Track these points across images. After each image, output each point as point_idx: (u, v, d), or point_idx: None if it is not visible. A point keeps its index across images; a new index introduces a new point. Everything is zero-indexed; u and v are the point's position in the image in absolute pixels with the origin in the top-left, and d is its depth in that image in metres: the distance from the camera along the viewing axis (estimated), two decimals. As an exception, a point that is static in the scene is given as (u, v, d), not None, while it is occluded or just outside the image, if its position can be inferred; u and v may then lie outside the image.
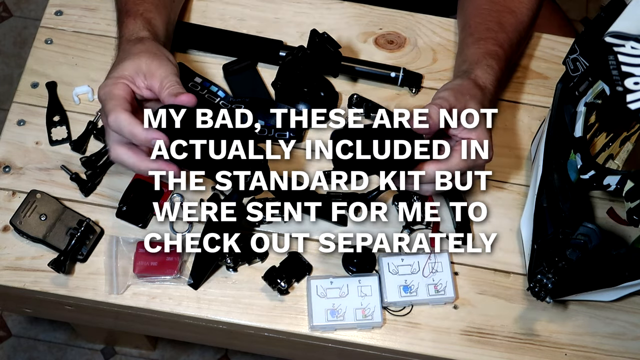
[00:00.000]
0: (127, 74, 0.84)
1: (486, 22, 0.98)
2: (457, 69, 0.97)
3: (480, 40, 0.96)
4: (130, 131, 0.79)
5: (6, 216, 0.93)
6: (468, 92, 0.86)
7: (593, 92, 0.86)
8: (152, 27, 0.92)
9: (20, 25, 1.99)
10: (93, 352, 1.62)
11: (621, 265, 0.83)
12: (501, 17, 0.99)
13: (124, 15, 0.94)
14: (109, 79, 0.85)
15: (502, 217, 0.97)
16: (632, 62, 0.77)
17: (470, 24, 1.00)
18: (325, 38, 0.95)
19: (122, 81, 0.84)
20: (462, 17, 1.04)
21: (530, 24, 1.02)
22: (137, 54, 0.86)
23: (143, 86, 0.85)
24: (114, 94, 0.82)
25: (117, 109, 0.80)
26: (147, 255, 0.91)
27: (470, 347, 0.90)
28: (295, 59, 0.96)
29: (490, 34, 0.97)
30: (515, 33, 0.99)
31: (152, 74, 0.84)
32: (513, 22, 0.99)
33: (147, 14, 0.93)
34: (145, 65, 0.84)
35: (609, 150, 0.86)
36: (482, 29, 0.98)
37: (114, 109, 0.81)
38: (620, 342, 0.92)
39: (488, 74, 0.91)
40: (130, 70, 0.84)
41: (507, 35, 0.97)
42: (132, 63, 0.85)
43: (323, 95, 1.02)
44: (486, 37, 0.96)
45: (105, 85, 0.83)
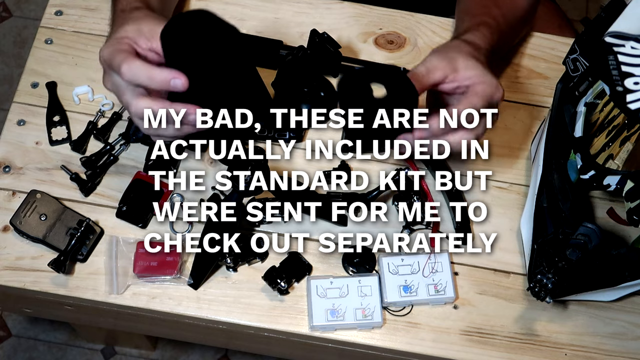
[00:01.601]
0: (130, 35, 0.82)
1: (481, 1, 1.00)
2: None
3: (473, 17, 0.97)
4: (147, 74, 0.77)
5: (6, 216, 0.93)
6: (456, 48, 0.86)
7: (593, 92, 0.86)
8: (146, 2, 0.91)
9: (20, 25, 1.99)
10: (93, 352, 1.62)
11: (621, 265, 0.83)
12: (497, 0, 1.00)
13: None
14: (110, 40, 0.82)
15: (502, 217, 0.97)
16: (632, 62, 0.77)
17: (467, 7, 1.01)
18: (325, 38, 0.95)
19: (125, 41, 0.81)
20: (460, 3, 1.05)
21: (528, 9, 1.03)
22: (137, 18, 0.84)
23: (146, 48, 0.82)
24: (121, 49, 0.80)
25: (129, 58, 0.78)
26: (147, 255, 0.91)
27: (470, 347, 0.90)
28: (295, 59, 0.96)
29: (483, 9, 0.98)
30: (510, 11, 0.99)
31: (155, 35, 0.81)
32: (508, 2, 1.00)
33: None
34: (147, 27, 0.82)
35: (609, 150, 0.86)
36: (477, 7, 0.99)
37: (125, 59, 0.78)
38: (620, 342, 0.92)
39: (479, 38, 0.91)
40: (132, 32, 0.82)
41: (500, 11, 0.98)
42: (133, 25, 0.83)
43: (323, 95, 1.02)
44: (479, 12, 0.97)
45: (109, 46, 0.81)
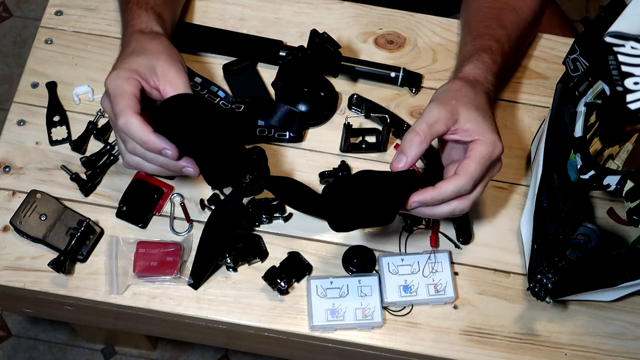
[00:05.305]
0: (141, 70, 0.81)
1: (486, 20, 0.98)
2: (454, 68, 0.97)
3: (477, 38, 0.96)
4: (142, 139, 0.77)
5: (6, 216, 0.93)
6: (456, 95, 0.84)
7: (593, 92, 0.86)
8: (162, 22, 0.91)
9: (20, 25, 1.99)
10: (93, 352, 1.62)
11: (621, 265, 0.83)
12: (501, 14, 0.99)
13: (133, 4, 0.91)
14: (120, 70, 0.81)
15: (502, 217, 0.97)
16: (632, 62, 0.77)
17: (471, 23, 1.00)
18: (325, 38, 0.95)
19: (134, 76, 0.80)
20: (464, 16, 1.04)
21: (532, 22, 1.02)
22: (155, 53, 0.83)
23: (154, 86, 0.82)
24: (125, 90, 0.79)
25: (128, 112, 0.78)
26: (147, 255, 0.91)
27: (470, 347, 0.90)
28: (295, 59, 0.96)
29: (487, 30, 0.97)
30: (515, 30, 0.98)
31: (167, 78, 0.81)
32: (514, 19, 0.99)
33: (157, 8, 0.92)
34: (162, 68, 0.81)
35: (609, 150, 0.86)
36: (481, 26, 0.98)
37: (125, 110, 0.78)
38: (620, 342, 0.92)
39: (478, 68, 0.91)
40: (145, 67, 0.81)
41: (505, 31, 0.97)
42: (148, 61, 0.82)
43: (323, 95, 1.02)
44: (483, 33, 0.96)
45: (117, 78, 0.80)
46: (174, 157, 0.79)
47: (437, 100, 0.84)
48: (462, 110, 0.83)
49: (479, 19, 0.99)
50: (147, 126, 0.78)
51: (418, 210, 0.82)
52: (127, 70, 0.81)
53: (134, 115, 0.78)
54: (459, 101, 0.83)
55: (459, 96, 0.84)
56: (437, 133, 0.81)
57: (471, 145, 0.82)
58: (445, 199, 0.81)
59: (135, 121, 0.78)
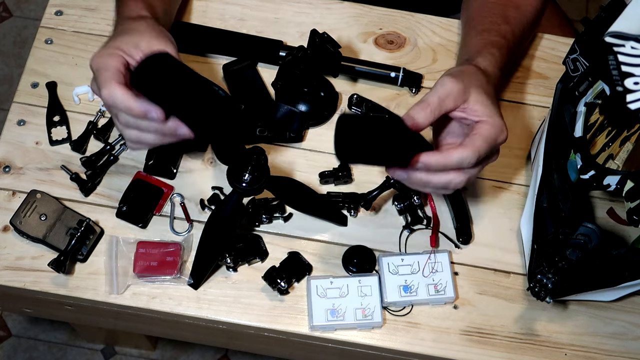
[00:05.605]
0: (124, 47, 0.81)
1: (490, 15, 0.98)
2: (460, 59, 0.97)
3: (483, 32, 0.96)
4: (126, 106, 0.78)
5: (6, 216, 0.93)
6: (469, 77, 0.84)
7: (593, 92, 0.86)
8: (152, 9, 0.90)
9: (20, 25, 1.99)
10: (93, 352, 1.62)
11: (621, 265, 0.83)
12: (506, 10, 0.99)
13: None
14: (104, 48, 0.82)
15: (502, 217, 0.97)
16: (632, 62, 0.77)
17: (474, 17, 1.00)
18: (325, 38, 0.95)
19: (117, 52, 0.81)
20: (467, 12, 1.04)
21: (534, 21, 1.02)
22: (138, 30, 0.83)
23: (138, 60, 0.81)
24: (108, 65, 0.79)
25: (111, 83, 0.78)
26: (147, 255, 0.91)
27: (470, 347, 0.90)
28: (295, 59, 0.96)
29: (493, 26, 0.97)
30: (519, 27, 0.98)
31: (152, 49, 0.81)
32: (517, 16, 0.99)
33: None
34: (146, 43, 0.81)
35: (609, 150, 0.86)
36: (486, 21, 0.98)
37: (108, 82, 0.78)
38: (620, 342, 0.92)
39: (488, 60, 0.91)
40: (129, 43, 0.81)
41: (510, 27, 0.97)
42: (132, 38, 0.82)
43: (323, 95, 1.02)
44: (489, 28, 0.96)
45: (100, 55, 0.81)
46: (160, 118, 0.78)
47: (452, 74, 0.83)
48: (474, 91, 0.82)
49: (484, 14, 0.99)
50: (130, 93, 0.78)
51: (416, 176, 0.80)
52: (110, 47, 0.81)
53: (116, 85, 0.78)
54: (472, 82, 0.83)
55: (472, 79, 0.84)
56: (446, 109, 0.80)
57: (479, 124, 0.81)
58: (447, 166, 0.79)
59: (117, 90, 0.78)
